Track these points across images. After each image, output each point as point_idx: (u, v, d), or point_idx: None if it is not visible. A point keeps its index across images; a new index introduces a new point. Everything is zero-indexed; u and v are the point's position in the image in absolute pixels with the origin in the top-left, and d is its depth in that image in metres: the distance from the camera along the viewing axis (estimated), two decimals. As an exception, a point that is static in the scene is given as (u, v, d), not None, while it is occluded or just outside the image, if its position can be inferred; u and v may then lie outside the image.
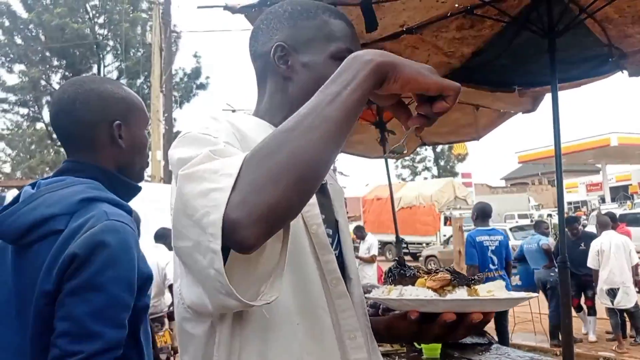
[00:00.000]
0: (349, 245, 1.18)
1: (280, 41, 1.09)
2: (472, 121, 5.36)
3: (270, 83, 1.13)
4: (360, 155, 6.27)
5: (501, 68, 3.83)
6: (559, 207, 2.94)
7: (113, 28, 21.54)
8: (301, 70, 1.09)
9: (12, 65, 21.55)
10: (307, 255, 1.01)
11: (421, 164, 31.86)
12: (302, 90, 1.07)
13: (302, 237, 1.01)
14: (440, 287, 0.97)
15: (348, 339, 1.04)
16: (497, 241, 6.21)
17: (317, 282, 1.02)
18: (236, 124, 1.03)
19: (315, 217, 1.04)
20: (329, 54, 1.08)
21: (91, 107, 1.40)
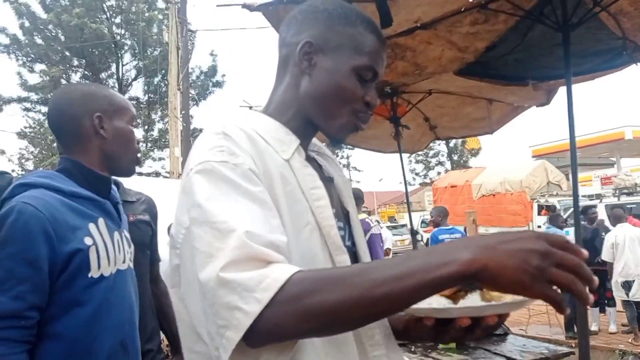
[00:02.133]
0: (361, 236, 1.21)
1: (310, 38, 1.09)
2: (485, 115, 5.38)
3: (288, 74, 1.13)
4: (375, 150, 6.30)
5: (515, 62, 3.86)
6: (574, 200, 2.97)
7: (130, 27, 21.73)
8: (321, 72, 1.09)
9: (33, 65, 21.85)
10: (321, 256, 1.02)
11: (434, 159, 31.70)
12: (314, 92, 1.10)
13: (315, 237, 1.02)
14: (452, 293, 0.97)
15: (366, 336, 1.05)
16: (456, 238, 6.63)
17: None
18: (250, 133, 1.02)
19: (328, 218, 1.04)
20: (353, 66, 1.07)
21: (74, 102, 1.60)
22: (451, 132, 6.26)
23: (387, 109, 4.99)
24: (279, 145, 1.06)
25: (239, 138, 0.99)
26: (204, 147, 0.97)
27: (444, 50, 3.66)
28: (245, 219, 0.87)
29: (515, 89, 4.47)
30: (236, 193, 0.91)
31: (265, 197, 0.94)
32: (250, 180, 0.93)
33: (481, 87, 4.61)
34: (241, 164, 0.94)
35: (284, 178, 1.01)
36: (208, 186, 0.92)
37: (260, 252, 0.84)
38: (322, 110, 1.11)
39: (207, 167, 0.94)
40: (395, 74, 3.84)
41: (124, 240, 1.65)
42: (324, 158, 1.26)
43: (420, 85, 4.84)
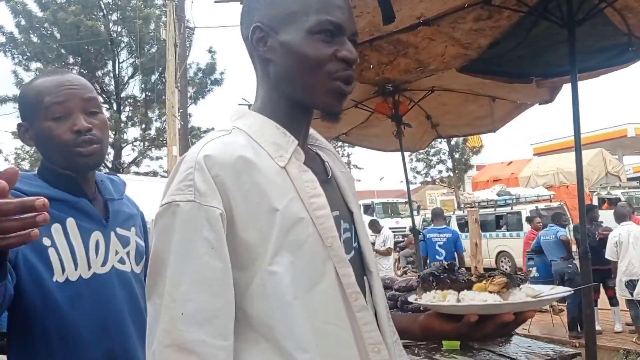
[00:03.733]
0: (366, 237, 1.16)
1: (257, 22, 1.04)
2: (488, 113, 5.32)
3: (258, 67, 1.09)
4: (376, 149, 6.26)
5: (518, 59, 3.80)
6: (579, 198, 2.92)
7: (127, 25, 21.64)
8: (280, 50, 1.02)
9: (29, 64, 21.75)
10: (324, 269, 0.99)
11: (435, 157, 31.55)
12: (283, 73, 1.04)
13: (317, 250, 0.98)
14: (500, 289, 1.04)
15: (372, 352, 1.02)
16: (445, 237, 8.04)
17: (336, 296, 0.99)
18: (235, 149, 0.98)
19: (330, 230, 1.00)
20: (306, 30, 1.01)
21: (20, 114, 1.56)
22: (453, 130, 6.22)
23: (388, 107, 4.93)
24: (275, 150, 1.01)
25: (218, 165, 0.95)
26: (178, 179, 0.97)
27: (446, 47, 3.60)
28: (188, 297, 0.90)
29: (518, 87, 4.41)
30: (195, 240, 0.92)
31: (220, 246, 0.92)
32: (212, 224, 0.92)
33: (484, 85, 4.56)
34: (204, 205, 0.93)
35: (279, 191, 0.97)
36: (169, 232, 0.93)
37: (185, 342, 0.89)
38: (299, 87, 1.04)
39: (172, 208, 0.94)
40: (398, 70, 3.78)
41: (109, 241, 1.52)
42: (326, 153, 1.19)
43: (423, 83, 4.78)
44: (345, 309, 0.99)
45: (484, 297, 1.03)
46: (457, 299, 1.07)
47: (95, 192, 1.59)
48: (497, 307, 1.01)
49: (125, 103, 23.24)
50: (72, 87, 1.47)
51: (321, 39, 1.01)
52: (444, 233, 8.21)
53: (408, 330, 1.14)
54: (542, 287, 1.12)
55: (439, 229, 8.32)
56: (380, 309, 1.09)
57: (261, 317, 0.94)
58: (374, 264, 1.14)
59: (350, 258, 1.06)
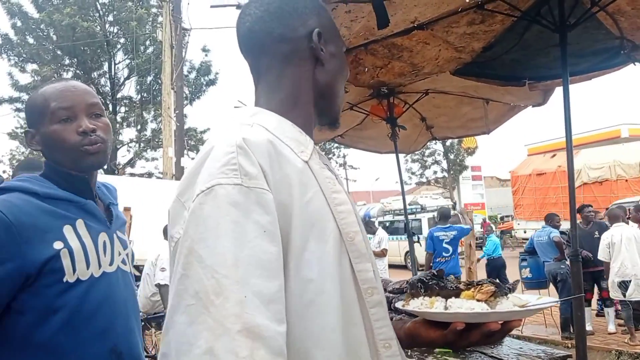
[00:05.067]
0: (366, 238, 1.16)
1: (317, 27, 1.10)
2: (482, 115, 5.35)
3: (296, 69, 1.10)
4: (371, 151, 6.28)
5: (512, 62, 3.83)
6: (571, 199, 2.95)
7: (123, 26, 21.61)
8: (331, 58, 1.12)
9: (25, 65, 21.69)
10: (342, 265, 0.99)
11: (431, 158, 31.67)
12: (331, 79, 1.13)
13: (338, 245, 0.98)
14: (487, 297, 1.04)
15: (383, 347, 1.02)
16: (452, 235, 8.53)
17: (351, 292, 0.99)
18: (269, 139, 0.97)
19: (352, 225, 1.01)
20: (342, 46, 1.17)
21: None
22: (448, 132, 6.24)
23: (383, 110, 4.96)
24: (297, 146, 1.02)
25: (257, 150, 0.93)
26: (216, 164, 0.91)
27: (440, 51, 3.63)
28: (243, 277, 0.84)
29: (511, 89, 4.45)
30: (245, 224, 0.86)
31: (274, 229, 0.89)
32: (263, 207, 0.89)
33: (478, 87, 4.59)
34: (254, 188, 0.89)
35: (304, 185, 0.97)
36: (217, 216, 0.87)
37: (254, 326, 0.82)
38: (335, 96, 1.15)
39: (219, 192, 0.88)
40: (392, 74, 3.81)
41: (114, 242, 1.59)
42: (324, 159, 1.22)
43: (417, 85, 4.81)
44: (359, 305, 1.00)
45: (471, 305, 1.04)
46: (444, 306, 1.08)
47: (96, 196, 1.64)
48: (484, 315, 1.02)
49: (121, 104, 23.21)
50: (77, 92, 1.56)
51: None
52: (449, 231, 8.61)
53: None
54: (529, 297, 1.14)
55: (445, 227, 8.69)
56: None
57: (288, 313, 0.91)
58: (374, 264, 1.15)
59: None
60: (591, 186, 15.01)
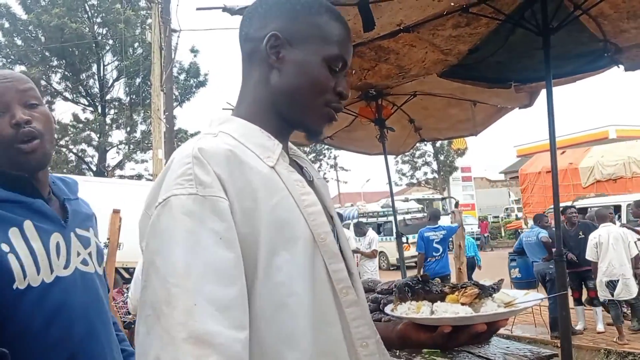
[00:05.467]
0: (346, 241, 1.18)
1: (276, 30, 1.05)
2: (469, 117, 5.40)
3: (256, 71, 1.10)
4: (360, 153, 6.30)
5: (497, 64, 3.87)
6: (555, 200, 2.98)
7: (112, 27, 21.51)
8: (291, 65, 1.06)
9: (13, 67, 21.51)
10: (315, 266, 0.99)
11: (421, 159, 31.81)
12: (286, 86, 1.07)
13: (309, 247, 0.99)
14: (471, 301, 1.06)
15: (360, 346, 1.03)
16: (441, 235, 8.70)
17: (326, 293, 1.01)
18: (227, 147, 0.98)
19: (322, 225, 1.02)
20: (323, 57, 1.06)
21: None
22: (436, 134, 6.28)
23: (371, 111, 4.98)
24: (263, 152, 1.03)
25: (213, 159, 0.94)
26: (173, 176, 0.94)
27: (427, 53, 3.66)
28: (195, 285, 0.86)
29: (498, 91, 4.49)
30: (200, 232, 0.88)
31: (231, 236, 0.91)
32: (219, 214, 0.91)
33: (465, 89, 4.62)
34: (209, 196, 0.91)
35: (269, 190, 0.98)
36: (172, 228, 0.89)
37: (202, 334, 0.84)
38: (296, 104, 1.08)
39: (174, 202, 0.91)
40: (379, 76, 3.84)
41: (70, 242, 1.44)
42: (301, 161, 1.23)
43: (405, 87, 4.84)
44: (335, 305, 1.01)
45: (456, 309, 1.06)
46: (430, 310, 1.10)
47: (50, 193, 1.51)
48: (468, 319, 1.04)
49: (110, 106, 23.09)
50: (7, 81, 1.41)
51: (329, 69, 1.07)
52: (438, 231, 8.78)
53: (386, 338, 1.16)
54: (516, 293, 1.16)
55: (434, 227, 8.85)
56: (364, 314, 1.11)
57: (258, 317, 0.93)
58: (354, 266, 1.17)
59: None
60: (604, 184, 14.44)
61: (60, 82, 22.62)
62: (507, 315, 1.07)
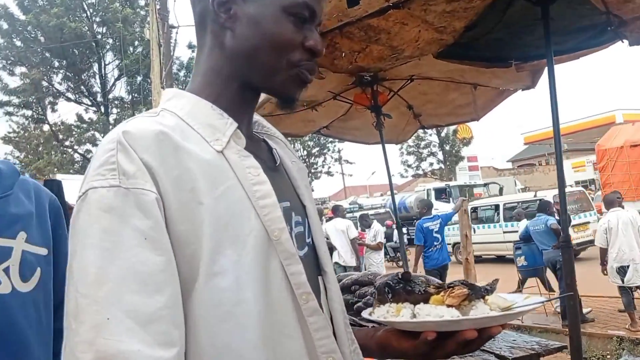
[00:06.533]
0: (320, 233, 1.03)
1: None
2: (470, 101, 5.20)
3: (208, 35, 0.95)
4: (358, 142, 6.12)
5: (496, 42, 3.66)
6: (560, 187, 2.80)
7: (111, 26, 21.44)
8: (246, 22, 0.91)
9: (13, 68, 21.53)
10: (270, 268, 0.85)
11: (426, 150, 31.60)
12: (242, 47, 0.91)
13: (262, 245, 0.84)
14: (460, 303, 0.92)
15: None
16: (437, 224, 8.81)
17: (284, 300, 0.85)
18: (160, 128, 0.83)
19: (276, 221, 0.86)
20: (282, 6, 0.90)
21: None
22: (436, 120, 6.07)
23: (367, 98, 4.79)
24: (211, 133, 0.87)
25: (140, 144, 0.79)
26: (94, 164, 0.80)
27: (420, 32, 3.45)
28: (108, 295, 0.72)
29: (498, 72, 4.29)
30: (120, 231, 0.75)
31: (158, 236, 0.76)
32: (144, 210, 0.76)
33: (464, 72, 4.43)
34: (133, 189, 0.76)
35: (214, 178, 0.82)
36: (88, 227, 0.76)
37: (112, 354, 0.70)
38: (257, 67, 0.92)
39: (92, 197, 0.77)
40: (371, 58, 3.64)
41: None
42: (275, 141, 1.07)
43: (401, 72, 4.65)
44: (295, 313, 0.86)
45: (440, 311, 0.90)
46: (412, 313, 0.95)
47: None
48: (454, 323, 0.89)
49: (112, 105, 23.08)
50: None
51: (293, 21, 0.91)
52: (435, 220, 8.91)
53: (364, 346, 1.02)
54: (515, 297, 1.00)
55: (431, 217, 8.96)
56: (337, 314, 0.96)
57: (198, 328, 0.79)
58: (329, 263, 1.01)
59: (303, 255, 0.93)
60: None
61: (62, 82, 22.63)
62: (501, 320, 0.91)
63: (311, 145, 31.95)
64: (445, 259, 8.79)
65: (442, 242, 8.77)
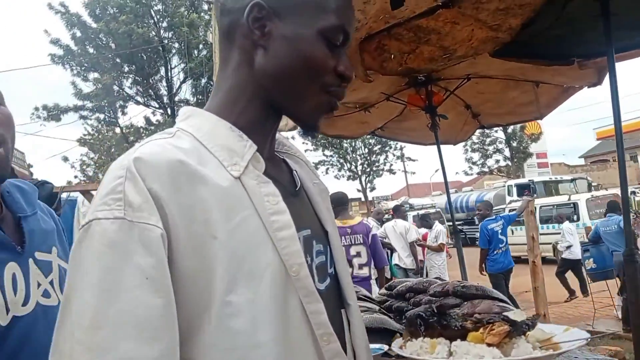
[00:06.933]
0: (343, 261, 0.97)
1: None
2: (532, 99, 4.96)
3: (236, 50, 0.91)
4: (414, 143, 6.01)
5: (556, 39, 3.46)
6: (622, 192, 2.59)
7: (177, 31, 22.10)
8: (280, 41, 0.87)
9: (87, 74, 22.59)
10: (289, 306, 0.79)
11: (492, 146, 30.68)
12: (274, 68, 0.87)
13: (280, 281, 0.79)
14: (500, 341, 0.88)
15: None
16: (501, 224, 8.68)
17: (304, 341, 0.80)
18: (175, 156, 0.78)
19: (295, 255, 0.81)
20: (319, 29, 0.86)
21: None
22: (496, 119, 5.84)
23: (421, 99, 4.67)
24: (229, 157, 0.82)
25: (151, 172, 0.75)
26: (102, 192, 0.76)
27: (473, 30, 3.31)
28: (103, 341, 0.68)
29: (562, 69, 4.06)
30: (122, 271, 0.71)
31: (159, 276, 0.71)
32: (147, 247, 0.71)
33: (524, 69, 4.23)
34: (138, 223, 0.72)
35: (229, 208, 0.77)
36: (88, 262, 0.72)
37: None
38: (286, 90, 0.88)
39: (95, 229, 0.73)
40: (422, 59, 3.53)
41: (29, 272, 1.19)
42: (295, 161, 1.02)
43: (457, 71, 4.50)
44: (317, 356, 0.81)
45: (480, 350, 0.83)
46: (448, 350, 0.88)
47: (3, 208, 1.25)
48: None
49: (178, 107, 23.79)
50: None
51: (327, 45, 0.86)
52: (498, 221, 8.84)
53: None
54: (553, 328, 0.92)
55: (493, 219, 8.88)
56: (361, 350, 0.91)
57: None
58: (352, 295, 0.95)
59: (325, 288, 0.87)
60: None
61: (132, 86, 23.52)
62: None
63: (373, 142, 31.74)
64: (510, 262, 8.52)
65: (506, 244, 8.59)
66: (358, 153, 33.22)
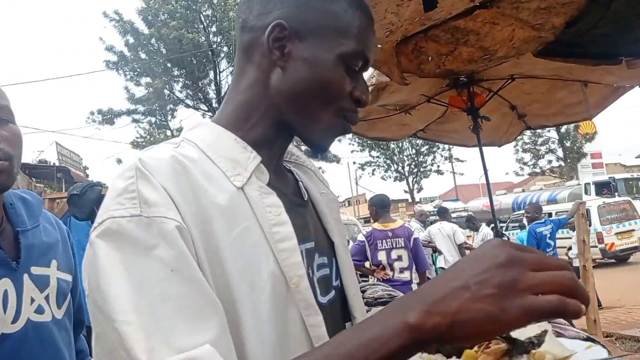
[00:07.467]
0: (350, 272, 0.95)
1: (281, 19, 0.86)
2: (581, 99, 4.79)
3: (253, 67, 0.89)
4: (457, 145, 5.90)
5: (602, 37, 3.32)
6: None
7: (226, 35, 22.46)
8: (298, 63, 0.86)
9: (139, 79, 23.25)
10: (289, 319, 0.79)
11: (544, 147, 29.79)
12: (290, 89, 0.86)
13: (281, 293, 0.78)
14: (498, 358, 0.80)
15: None
16: (550, 228, 8.44)
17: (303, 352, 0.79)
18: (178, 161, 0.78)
19: (295, 267, 0.80)
20: (339, 54, 0.85)
21: None
22: (543, 120, 5.67)
23: (462, 100, 4.58)
24: (232, 167, 0.82)
25: (158, 171, 0.75)
26: (113, 193, 0.75)
27: (514, 30, 3.22)
28: (151, 321, 0.65)
29: (611, 68, 3.90)
30: (146, 265, 0.68)
31: (183, 267, 0.69)
32: (167, 240, 0.70)
33: (572, 69, 4.10)
34: (156, 217, 0.71)
35: (231, 218, 0.77)
36: (111, 258, 0.69)
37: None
38: (301, 111, 0.87)
39: (112, 227, 0.71)
40: (461, 61, 3.45)
41: (22, 288, 1.19)
42: (303, 171, 1.01)
43: (500, 71, 4.39)
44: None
45: None
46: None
47: (3, 221, 1.26)
48: None
49: (227, 110, 24.21)
50: None
51: (346, 69, 0.86)
52: (547, 225, 8.62)
53: None
54: (575, 344, 0.85)
55: (542, 222, 8.68)
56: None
57: None
58: (359, 307, 0.93)
59: (327, 301, 0.87)
60: None
61: (182, 90, 24.03)
62: None
63: (420, 143, 31.37)
64: None
65: (554, 248, 8.45)
66: (405, 154, 32.92)
